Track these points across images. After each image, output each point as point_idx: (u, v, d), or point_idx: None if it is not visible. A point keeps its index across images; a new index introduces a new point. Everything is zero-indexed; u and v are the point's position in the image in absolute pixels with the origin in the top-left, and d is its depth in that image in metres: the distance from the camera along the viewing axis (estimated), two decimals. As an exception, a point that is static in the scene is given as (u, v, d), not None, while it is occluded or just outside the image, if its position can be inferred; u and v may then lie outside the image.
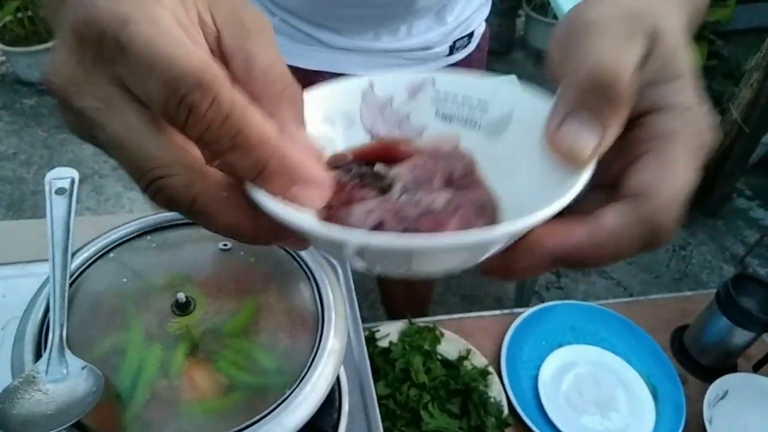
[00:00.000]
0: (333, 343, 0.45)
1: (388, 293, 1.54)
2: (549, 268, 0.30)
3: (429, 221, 0.31)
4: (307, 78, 0.92)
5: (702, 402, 0.95)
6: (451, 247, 0.26)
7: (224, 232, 0.30)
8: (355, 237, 0.26)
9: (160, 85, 0.25)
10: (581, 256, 0.29)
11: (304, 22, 0.86)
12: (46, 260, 0.70)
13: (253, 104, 0.27)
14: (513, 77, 0.38)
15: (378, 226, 0.31)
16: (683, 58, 0.31)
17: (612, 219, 0.29)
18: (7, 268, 0.70)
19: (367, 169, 0.35)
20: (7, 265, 0.71)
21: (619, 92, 0.28)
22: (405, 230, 0.31)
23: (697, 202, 2.26)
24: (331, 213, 0.32)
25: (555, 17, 2.87)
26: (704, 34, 2.47)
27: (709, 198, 2.23)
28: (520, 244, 0.29)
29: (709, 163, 0.32)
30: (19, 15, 2.58)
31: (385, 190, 0.34)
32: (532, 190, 0.32)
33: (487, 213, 0.33)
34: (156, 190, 0.27)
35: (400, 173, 0.35)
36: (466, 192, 0.34)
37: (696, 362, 1.05)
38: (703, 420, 0.93)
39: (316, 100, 0.35)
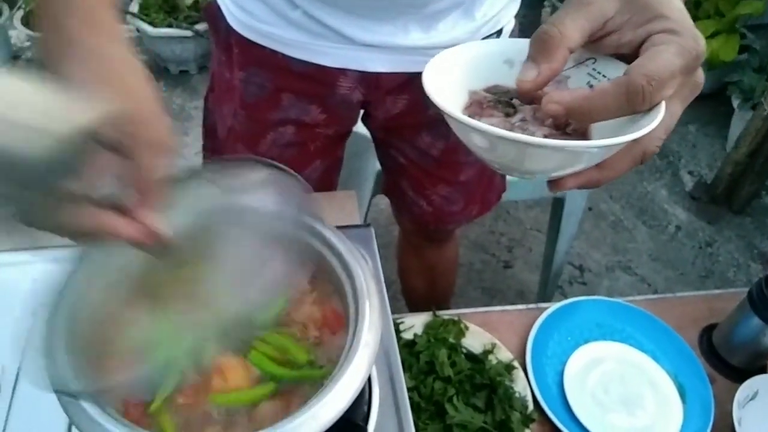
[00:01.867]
0: (367, 337, 0.44)
1: (409, 286, 1.54)
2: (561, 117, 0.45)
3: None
4: (330, 76, 0.91)
5: (730, 402, 0.94)
6: (553, 147, 0.41)
7: None
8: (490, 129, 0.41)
9: None
10: (580, 108, 0.43)
11: (329, 12, 0.82)
12: (69, 246, 0.70)
13: None
14: None
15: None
16: (662, 3, 0.44)
17: (602, 85, 0.44)
18: (34, 253, 0.71)
19: (506, 99, 0.48)
20: (34, 250, 0.71)
21: (542, 42, 0.45)
22: None
23: (724, 199, 2.22)
24: (470, 117, 0.45)
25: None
26: (736, 28, 2.42)
27: (737, 195, 2.19)
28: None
29: (737, 159, 0.42)
30: (46, 0, 2.59)
31: (509, 115, 0.48)
32: (618, 130, 0.44)
33: None
34: None
35: (526, 109, 0.48)
36: (563, 135, 0.47)
37: (725, 362, 1.03)
38: (731, 420, 0.91)
39: (506, 44, 0.51)
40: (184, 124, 2.50)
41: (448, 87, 0.48)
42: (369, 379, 0.55)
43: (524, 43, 0.48)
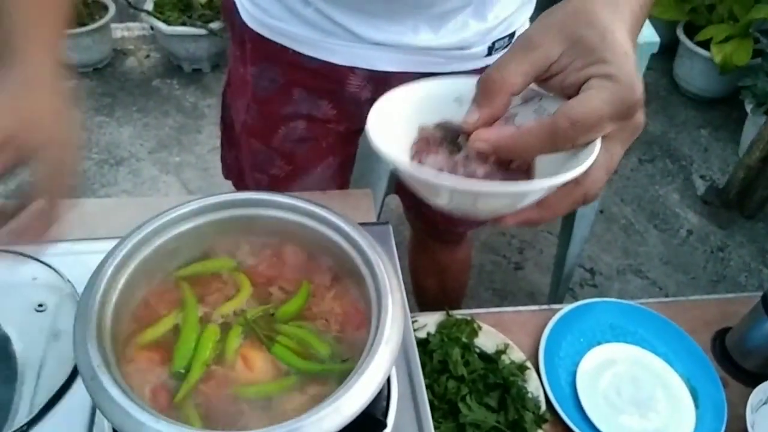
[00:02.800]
0: (390, 332, 0.45)
1: (420, 285, 1.54)
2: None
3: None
4: (339, 73, 0.91)
5: (743, 406, 0.94)
6: (487, 193, 0.43)
7: None
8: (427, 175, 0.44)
9: None
10: (506, 146, 0.46)
11: (341, 10, 0.82)
12: (97, 239, 0.71)
13: None
14: None
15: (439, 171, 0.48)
16: (606, 48, 0.44)
17: (528, 124, 0.45)
18: (55, 246, 0.71)
19: (452, 136, 0.49)
20: (54, 242, 0.72)
21: (485, 87, 0.47)
22: None
23: (736, 204, 2.22)
24: (415, 154, 0.50)
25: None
26: (749, 32, 2.41)
27: (749, 200, 2.18)
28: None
29: (750, 164, 0.43)
30: (62, -2, 2.61)
31: (453, 152, 0.49)
32: (559, 166, 0.45)
33: None
34: None
35: (470, 147, 0.48)
36: (506, 173, 0.48)
37: (738, 366, 1.03)
38: (745, 425, 0.91)
39: (458, 82, 0.51)
40: (197, 122, 2.51)
41: (399, 122, 0.50)
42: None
43: (475, 81, 0.49)
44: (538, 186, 0.43)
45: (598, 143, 0.45)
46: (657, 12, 2.47)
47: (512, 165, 0.49)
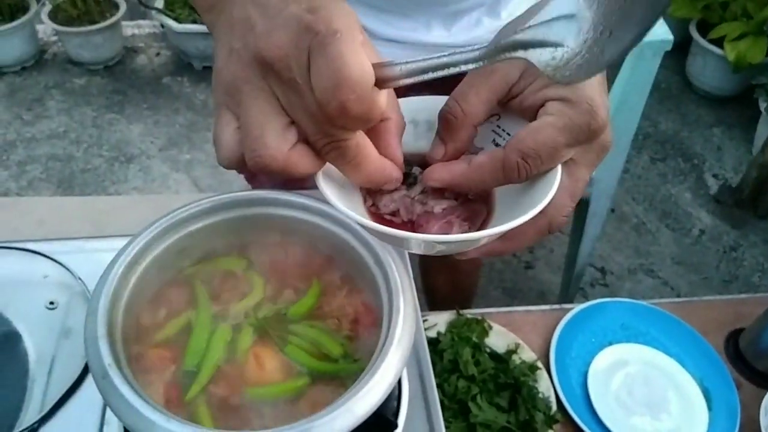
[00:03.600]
0: (402, 331, 0.44)
1: (431, 285, 1.53)
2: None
3: (424, 218, 0.47)
4: None
5: (757, 408, 0.93)
6: (414, 240, 0.42)
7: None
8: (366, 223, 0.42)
9: (313, 129, 0.39)
10: (459, 184, 0.45)
11: (352, 5, 0.81)
12: (108, 237, 0.71)
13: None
14: None
15: (394, 213, 0.47)
16: None
17: (479, 159, 0.44)
18: (66, 243, 0.71)
19: (408, 170, 0.47)
20: (66, 240, 0.72)
21: (447, 123, 0.45)
22: (409, 221, 0.47)
23: (749, 203, 2.20)
24: (370, 194, 0.48)
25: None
26: (764, 30, 2.39)
27: (762, 199, 2.16)
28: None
29: (763, 163, 0.40)
30: (73, -4, 2.63)
31: (411, 185, 0.48)
32: (520, 192, 0.45)
33: (475, 222, 0.47)
34: (332, 149, 0.40)
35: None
36: (467, 205, 0.47)
37: (752, 367, 1.02)
38: (759, 426, 0.90)
39: (411, 104, 0.48)
40: (207, 120, 2.51)
41: None
42: (399, 375, 0.55)
43: (430, 101, 0.48)
44: (491, 233, 0.41)
45: (558, 173, 0.43)
46: (670, 10, 2.46)
47: (470, 195, 0.48)
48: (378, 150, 0.43)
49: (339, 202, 0.43)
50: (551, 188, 0.42)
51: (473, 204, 0.48)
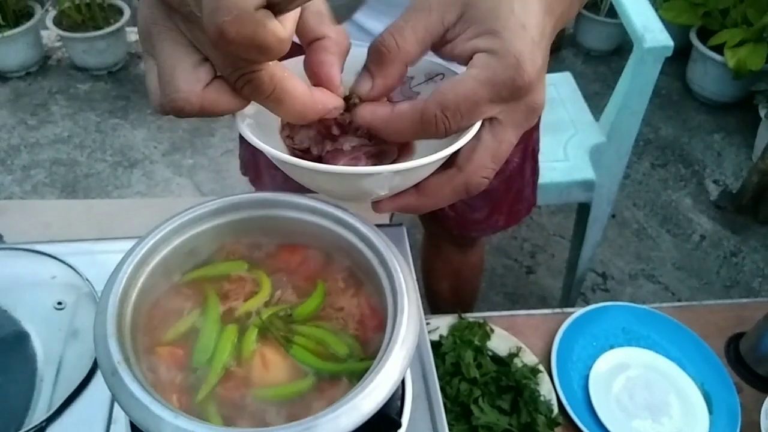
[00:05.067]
0: (406, 331, 0.45)
1: (433, 288, 1.54)
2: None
3: (332, 155, 0.46)
4: None
5: (758, 412, 0.93)
6: (319, 171, 0.41)
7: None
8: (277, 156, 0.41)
9: (222, 62, 0.36)
10: (378, 128, 0.43)
11: None
12: (114, 239, 0.72)
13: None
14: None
15: (306, 150, 0.47)
16: (497, 18, 0.40)
17: (401, 106, 0.42)
18: (73, 245, 0.72)
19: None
20: (73, 242, 0.73)
21: (378, 55, 0.42)
22: (318, 157, 0.46)
23: (750, 209, 2.20)
24: (285, 127, 0.47)
25: (607, 15, 2.83)
26: (763, 37, 2.40)
27: (763, 205, 2.17)
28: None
29: (764, 169, 0.39)
30: (77, 1, 2.64)
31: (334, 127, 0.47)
32: (437, 146, 0.43)
33: (384, 162, 0.46)
34: (245, 82, 0.37)
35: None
36: (377, 145, 0.46)
37: (752, 371, 1.02)
38: (760, 430, 0.91)
39: (357, 56, 0.45)
40: (210, 125, 2.53)
41: None
42: (402, 375, 0.56)
43: (362, 50, 0.45)
44: (388, 168, 0.40)
45: (476, 125, 0.42)
46: (670, 16, 2.47)
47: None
48: (312, 73, 0.41)
49: (252, 133, 0.42)
50: (464, 137, 0.41)
51: (386, 145, 0.47)
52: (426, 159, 0.41)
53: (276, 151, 0.42)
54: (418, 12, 0.42)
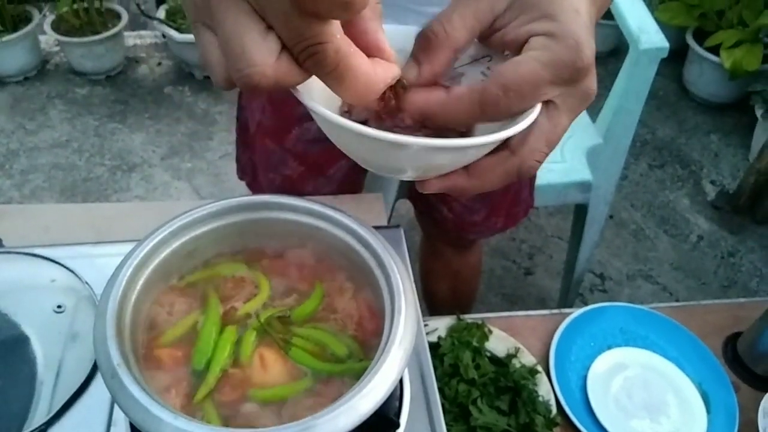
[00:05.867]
0: (403, 332, 0.46)
1: (431, 289, 1.54)
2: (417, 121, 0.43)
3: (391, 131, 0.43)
4: None
5: (755, 411, 0.93)
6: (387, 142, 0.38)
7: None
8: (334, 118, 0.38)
9: (287, 32, 0.33)
10: (434, 114, 0.42)
11: None
12: (113, 242, 0.72)
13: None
14: None
15: (364, 122, 0.43)
16: (552, 2, 0.40)
17: (458, 89, 0.42)
18: (73, 249, 0.73)
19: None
20: (72, 245, 0.73)
21: (426, 42, 0.42)
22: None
23: (747, 209, 2.21)
24: (344, 104, 0.45)
25: (603, 17, 2.82)
26: (759, 38, 2.41)
27: (760, 205, 2.18)
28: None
29: (760, 169, 0.38)
30: (75, 6, 2.64)
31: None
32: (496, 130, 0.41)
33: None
34: (308, 55, 0.34)
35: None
36: (437, 131, 0.44)
37: (750, 370, 1.02)
38: (757, 429, 0.91)
39: (400, 33, 0.44)
40: (208, 129, 2.53)
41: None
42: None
43: (403, 30, 0.45)
44: (455, 144, 0.38)
45: (537, 107, 0.41)
46: (666, 18, 2.48)
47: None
48: (359, 45, 0.37)
49: (315, 101, 0.39)
50: (528, 118, 0.41)
51: (447, 133, 0.44)
52: (485, 138, 0.39)
53: (334, 116, 0.39)
54: (467, 0, 0.42)
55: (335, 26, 0.34)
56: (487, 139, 0.39)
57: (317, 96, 0.41)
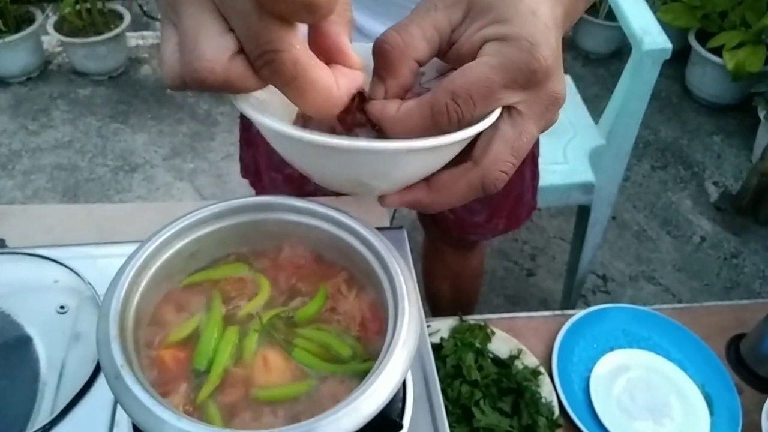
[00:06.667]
0: (407, 333, 0.45)
1: (433, 290, 1.54)
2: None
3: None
4: None
5: (759, 413, 0.93)
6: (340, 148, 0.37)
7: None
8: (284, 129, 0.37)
9: (245, 35, 0.33)
10: (389, 129, 0.41)
11: (354, 8, 0.81)
12: (116, 243, 0.72)
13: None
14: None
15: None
16: (505, 5, 0.39)
17: (408, 102, 0.40)
18: (76, 249, 0.73)
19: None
20: (75, 246, 0.73)
21: (384, 55, 0.40)
22: None
23: (750, 211, 2.21)
24: (299, 118, 0.45)
25: (606, 18, 2.83)
26: (762, 39, 2.40)
27: (763, 206, 2.17)
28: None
29: (763, 170, 0.37)
30: (77, 7, 2.65)
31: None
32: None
33: None
34: (264, 62, 0.33)
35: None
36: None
37: (753, 372, 1.02)
38: (761, 431, 0.91)
39: (364, 49, 0.42)
40: (210, 130, 2.53)
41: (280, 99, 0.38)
42: (403, 377, 0.56)
43: (367, 47, 0.42)
44: (398, 146, 0.36)
45: (496, 111, 0.39)
46: (669, 19, 2.48)
47: None
48: (320, 49, 0.36)
49: (258, 113, 0.38)
50: (483, 122, 0.39)
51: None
52: (436, 140, 0.37)
53: (275, 122, 0.37)
54: (424, 11, 0.41)
55: (296, 35, 0.33)
56: (430, 142, 0.37)
57: (279, 104, 0.40)
